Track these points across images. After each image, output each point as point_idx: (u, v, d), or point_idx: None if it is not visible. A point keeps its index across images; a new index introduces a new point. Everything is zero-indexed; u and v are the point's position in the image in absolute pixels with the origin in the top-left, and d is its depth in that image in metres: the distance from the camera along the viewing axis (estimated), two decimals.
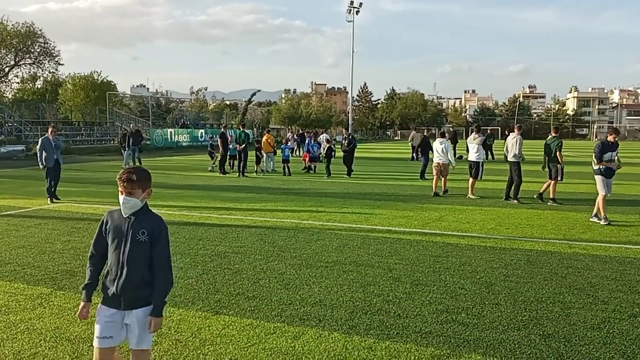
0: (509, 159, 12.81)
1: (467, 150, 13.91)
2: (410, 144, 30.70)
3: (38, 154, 12.51)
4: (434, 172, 14.14)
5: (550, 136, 12.92)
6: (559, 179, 12.28)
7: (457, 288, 5.89)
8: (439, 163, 14.05)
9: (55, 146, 12.55)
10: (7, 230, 8.93)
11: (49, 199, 12.26)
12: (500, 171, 17.76)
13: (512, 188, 12.64)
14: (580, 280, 6.23)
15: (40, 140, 12.61)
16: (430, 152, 16.33)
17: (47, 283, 5.98)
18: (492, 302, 5.44)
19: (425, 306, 5.30)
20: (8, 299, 5.43)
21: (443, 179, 14.23)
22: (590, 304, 5.41)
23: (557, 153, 12.28)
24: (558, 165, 12.26)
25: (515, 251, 7.65)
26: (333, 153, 19.99)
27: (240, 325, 4.76)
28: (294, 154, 29.04)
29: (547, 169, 12.64)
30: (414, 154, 29.67)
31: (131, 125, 25.89)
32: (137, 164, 21.71)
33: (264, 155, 21.06)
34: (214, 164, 21.61)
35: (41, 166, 12.36)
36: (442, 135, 14.76)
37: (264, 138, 21.79)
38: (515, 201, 12.40)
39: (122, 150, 23.49)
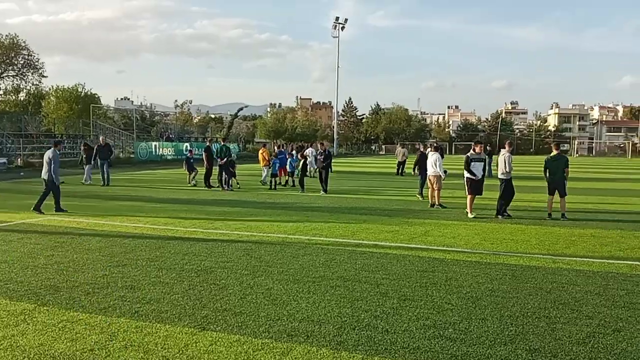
0: (498, 176, 12.94)
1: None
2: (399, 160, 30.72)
3: (52, 167, 12.58)
4: (429, 185, 14.74)
5: (554, 153, 13.05)
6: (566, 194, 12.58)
7: (444, 303, 5.92)
8: (430, 176, 14.51)
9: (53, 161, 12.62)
10: None
11: (36, 211, 12.45)
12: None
13: (502, 203, 12.72)
14: (564, 295, 6.30)
15: (51, 154, 12.70)
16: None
17: (31, 299, 5.88)
18: (479, 317, 5.48)
19: (412, 321, 5.31)
20: None
21: (436, 191, 14.46)
22: (575, 318, 5.47)
23: (567, 169, 12.62)
24: (565, 182, 12.57)
25: (500, 266, 7.71)
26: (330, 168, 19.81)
27: (227, 342, 4.73)
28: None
29: (550, 186, 12.69)
30: (399, 170, 29.82)
31: (100, 137, 23.83)
32: (106, 180, 20.47)
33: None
34: (193, 178, 21.22)
35: (57, 182, 12.66)
36: (436, 149, 14.90)
37: (260, 152, 22.10)
38: (500, 216, 12.53)
39: (83, 165, 21.78)
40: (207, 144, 21.96)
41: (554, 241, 9.70)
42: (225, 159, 19.20)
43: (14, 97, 52.93)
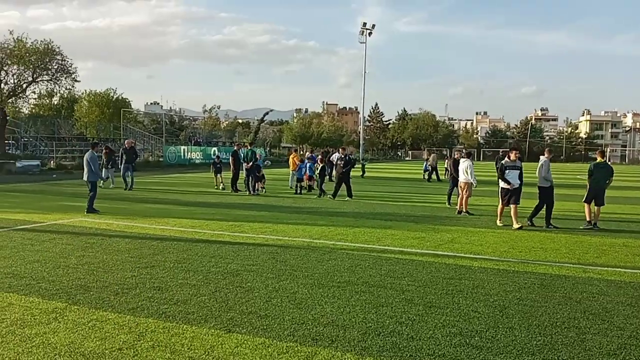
0: (538, 184, 12.51)
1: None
2: (429, 164, 30.32)
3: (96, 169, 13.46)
4: (459, 191, 14.60)
5: (599, 160, 12.71)
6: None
7: (470, 311, 5.85)
8: (461, 182, 14.32)
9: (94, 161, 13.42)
10: (22, 245, 9.03)
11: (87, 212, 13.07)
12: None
13: (543, 212, 12.36)
14: (595, 305, 6.17)
15: (90, 157, 13.42)
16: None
17: (62, 297, 6.03)
18: (506, 325, 5.40)
19: (438, 329, 5.27)
20: (23, 313, 5.48)
21: (465, 198, 14.28)
22: (606, 329, 5.35)
23: (611, 179, 12.41)
24: (605, 191, 12.34)
25: (528, 274, 7.59)
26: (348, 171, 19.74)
27: (252, 344, 4.77)
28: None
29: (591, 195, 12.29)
30: (428, 175, 29.40)
31: (126, 141, 23.54)
32: (130, 184, 20.29)
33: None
34: (221, 182, 21.32)
35: (102, 182, 13.24)
36: (468, 156, 14.64)
37: (291, 157, 22.30)
38: (529, 222, 12.27)
39: (104, 169, 20.64)
40: (235, 148, 22.08)
41: (585, 250, 9.50)
42: (251, 163, 19.33)
43: (47, 101, 54.37)
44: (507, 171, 12.26)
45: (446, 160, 37.66)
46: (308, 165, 21.15)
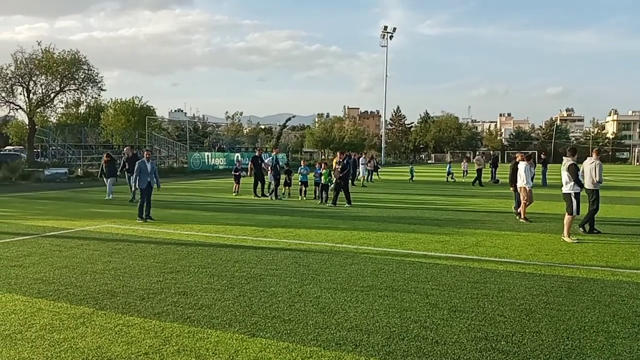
0: (586, 187, 11.58)
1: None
2: (477, 166, 29.05)
3: (133, 176, 13.64)
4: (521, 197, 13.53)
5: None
6: None
7: (496, 315, 5.77)
8: (520, 187, 13.45)
9: (151, 169, 13.54)
10: (50, 251, 9.21)
11: (138, 218, 13.13)
12: (539, 196, 17.37)
13: (586, 216, 11.60)
14: (624, 308, 6.03)
15: (137, 164, 13.56)
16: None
17: (89, 303, 6.13)
18: (533, 330, 5.31)
19: (463, 333, 5.21)
20: (52, 318, 5.59)
21: (523, 204, 13.44)
22: (636, 333, 5.22)
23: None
24: None
25: (555, 278, 7.46)
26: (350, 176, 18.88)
27: (276, 349, 4.78)
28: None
29: None
30: (477, 179, 28.06)
31: (125, 148, 21.51)
32: (135, 194, 17.60)
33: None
34: (238, 189, 21.15)
35: (133, 188, 13.32)
36: (528, 159, 13.73)
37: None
38: (581, 229, 11.55)
39: (104, 178, 19.67)
40: (256, 153, 21.64)
41: (613, 253, 9.30)
42: (274, 168, 19.37)
43: (74, 110, 55.44)
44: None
45: (463, 162, 37.04)
46: (303, 168, 20.22)
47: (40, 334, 5.10)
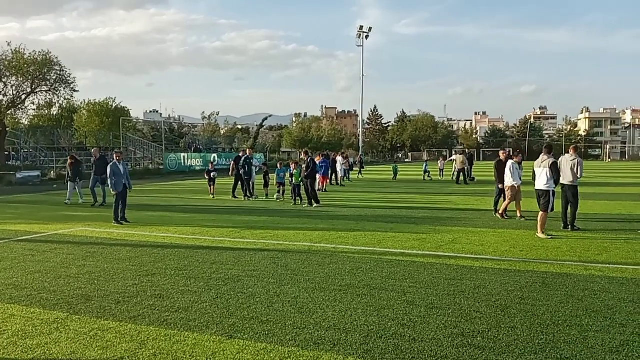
0: (565, 183, 11.62)
1: (533, 177, 11.51)
2: (454, 165, 29.18)
3: (109, 181, 13.15)
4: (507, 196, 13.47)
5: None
6: None
7: (472, 311, 5.84)
8: (507, 186, 13.31)
9: (123, 171, 13.25)
10: (23, 255, 9.03)
11: (114, 222, 12.84)
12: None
13: (568, 214, 11.70)
14: (597, 302, 6.15)
15: (109, 167, 13.15)
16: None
17: (63, 307, 6.02)
18: (508, 325, 5.39)
19: (440, 330, 5.26)
20: (25, 324, 5.47)
21: (515, 202, 13.40)
22: (608, 326, 5.34)
23: None
24: None
25: (530, 273, 7.58)
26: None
27: (254, 350, 4.76)
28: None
29: None
30: (457, 177, 28.17)
31: (93, 150, 20.47)
32: (104, 197, 17.60)
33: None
34: (213, 191, 20.65)
35: (114, 192, 12.95)
36: (517, 157, 13.80)
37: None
38: (569, 228, 11.60)
39: (69, 182, 18.64)
40: (240, 154, 20.82)
41: (586, 248, 9.49)
42: (244, 169, 19.33)
43: (47, 111, 54.46)
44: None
45: (440, 161, 37.30)
46: (280, 171, 19.72)
47: (12, 341, 4.99)
